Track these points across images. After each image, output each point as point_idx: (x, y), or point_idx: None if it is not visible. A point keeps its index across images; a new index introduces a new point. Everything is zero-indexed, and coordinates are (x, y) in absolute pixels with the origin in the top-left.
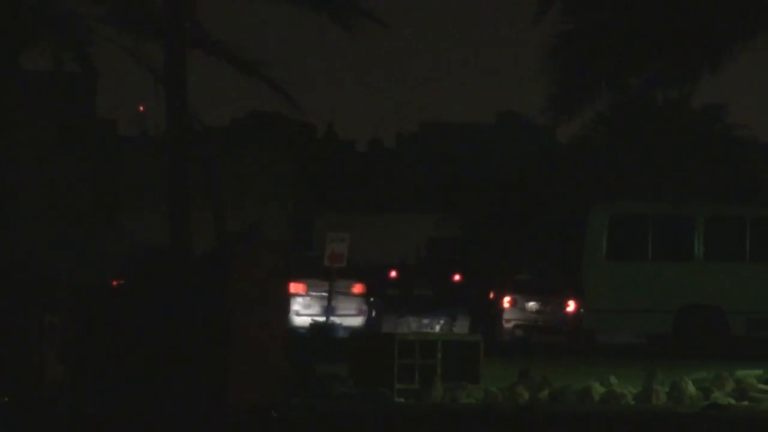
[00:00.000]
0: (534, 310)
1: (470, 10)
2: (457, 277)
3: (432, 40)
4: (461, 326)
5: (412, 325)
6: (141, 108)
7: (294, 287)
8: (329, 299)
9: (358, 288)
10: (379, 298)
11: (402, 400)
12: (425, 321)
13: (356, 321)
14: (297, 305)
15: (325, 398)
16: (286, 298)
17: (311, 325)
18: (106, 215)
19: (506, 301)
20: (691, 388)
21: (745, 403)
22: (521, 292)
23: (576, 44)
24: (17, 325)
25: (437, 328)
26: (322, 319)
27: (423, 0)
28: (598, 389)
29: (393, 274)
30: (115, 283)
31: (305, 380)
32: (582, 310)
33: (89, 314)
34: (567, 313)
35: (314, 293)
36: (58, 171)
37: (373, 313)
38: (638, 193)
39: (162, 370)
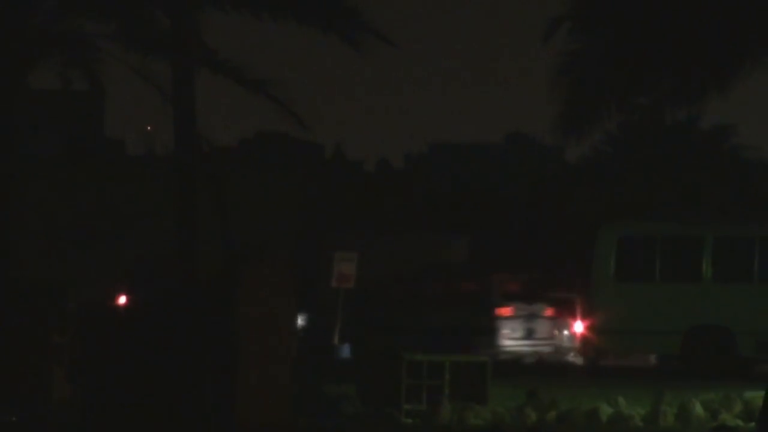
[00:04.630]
0: None
1: (478, 31)
2: None
3: (440, 60)
4: None
5: None
6: (149, 127)
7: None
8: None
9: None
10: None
11: (409, 420)
12: None
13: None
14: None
15: (333, 418)
16: (291, 318)
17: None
18: (112, 234)
19: None
20: (699, 410)
21: (753, 424)
22: None
23: (584, 63)
24: (25, 344)
25: None
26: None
27: (431, 20)
28: (605, 410)
29: None
30: (117, 300)
31: (312, 400)
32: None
33: (95, 335)
34: None
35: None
36: (65, 190)
37: None
38: (646, 214)
39: (168, 391)
